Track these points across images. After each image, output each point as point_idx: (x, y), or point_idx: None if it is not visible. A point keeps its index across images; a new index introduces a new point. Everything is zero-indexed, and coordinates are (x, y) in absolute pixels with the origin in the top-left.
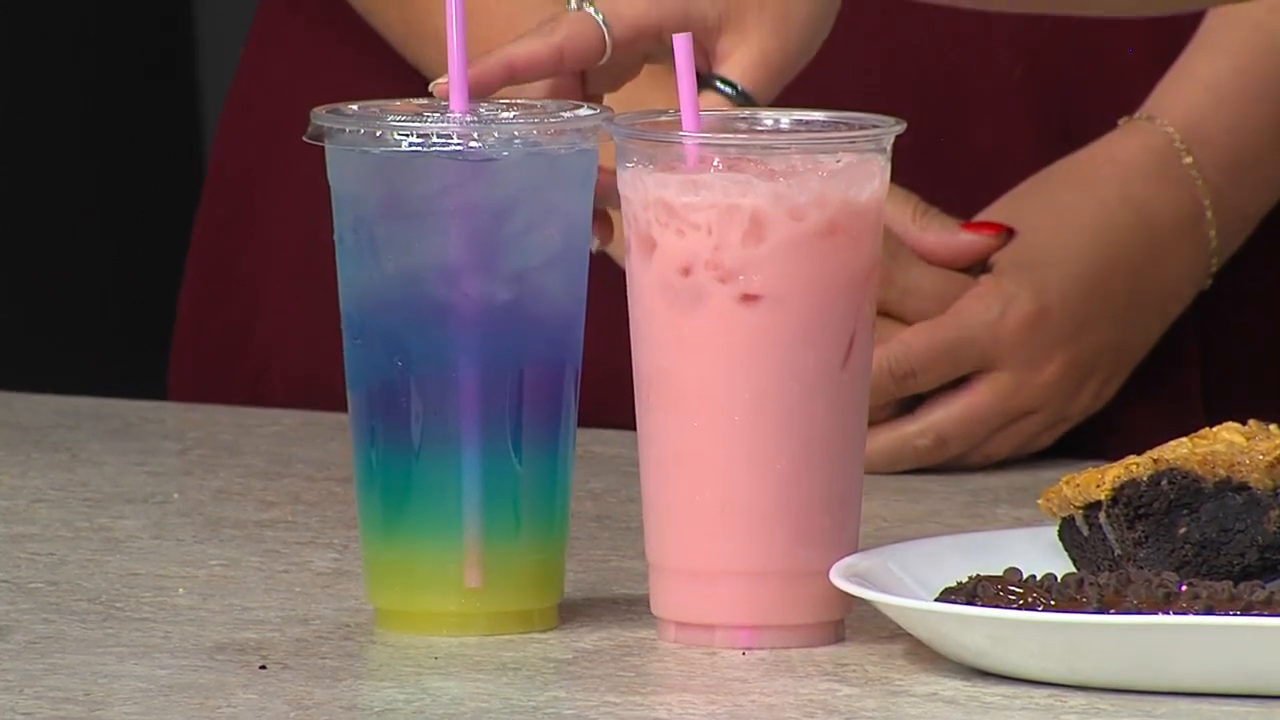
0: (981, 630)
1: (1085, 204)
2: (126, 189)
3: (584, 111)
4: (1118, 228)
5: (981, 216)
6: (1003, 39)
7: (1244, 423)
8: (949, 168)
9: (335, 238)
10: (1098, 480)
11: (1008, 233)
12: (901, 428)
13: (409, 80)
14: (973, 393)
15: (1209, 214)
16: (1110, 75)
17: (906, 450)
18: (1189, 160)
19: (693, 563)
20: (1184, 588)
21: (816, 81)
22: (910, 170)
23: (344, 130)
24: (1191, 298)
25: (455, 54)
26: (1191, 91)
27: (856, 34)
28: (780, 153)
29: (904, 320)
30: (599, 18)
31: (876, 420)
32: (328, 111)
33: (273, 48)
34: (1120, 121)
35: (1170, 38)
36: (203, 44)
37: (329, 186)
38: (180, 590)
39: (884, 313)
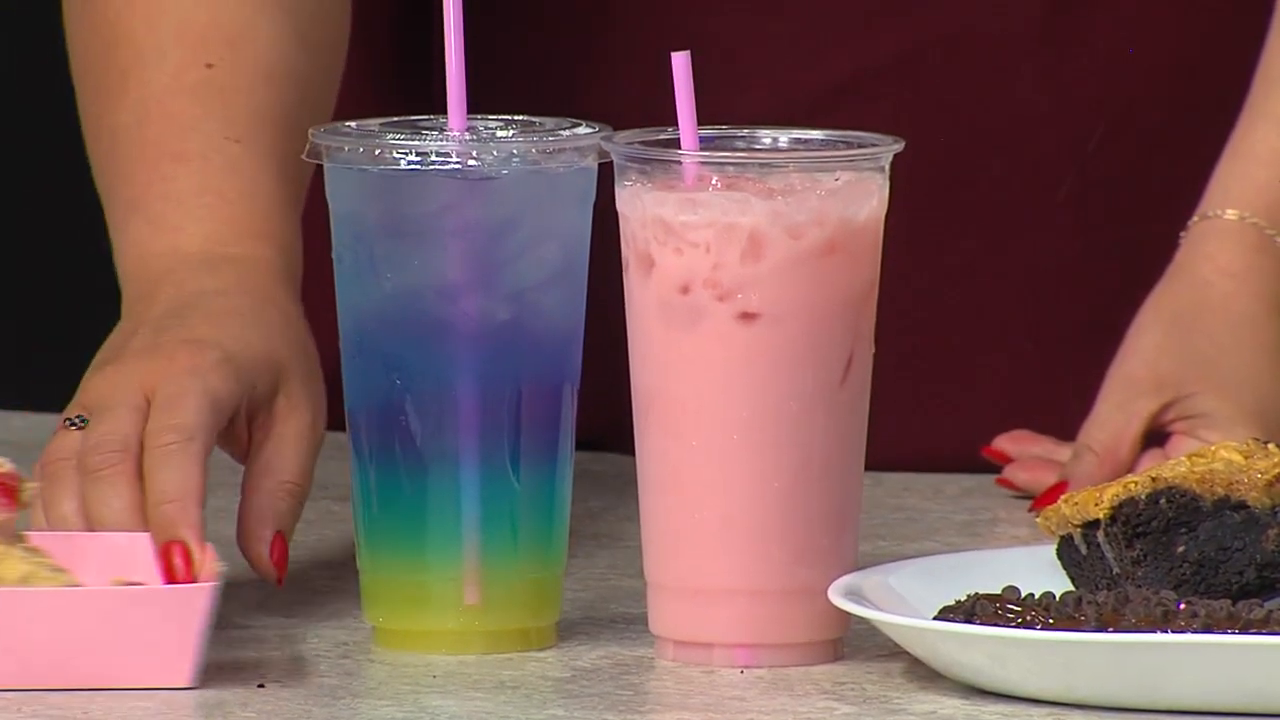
0: (980, 649)
1: (1239, 336)
2: None
3: (583, 130)
4: (1274, 339)
5: (1112, 391)
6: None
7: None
8: (996, 274)
9: (334, 256)
10: (1096, 499)
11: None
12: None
13: (413, 99)
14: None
15: None
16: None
17: None
18: None
19: (691, 581)
20: (1182, 606)
21: None
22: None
23: (342, 149)
24: None
25: (454, 66)
26: (1259, 173)
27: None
28: (778, 171)
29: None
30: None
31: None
32: (325, 130)
33: None
34: (1192, 223)
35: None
36: None
37: (327, 204)
38: None
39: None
